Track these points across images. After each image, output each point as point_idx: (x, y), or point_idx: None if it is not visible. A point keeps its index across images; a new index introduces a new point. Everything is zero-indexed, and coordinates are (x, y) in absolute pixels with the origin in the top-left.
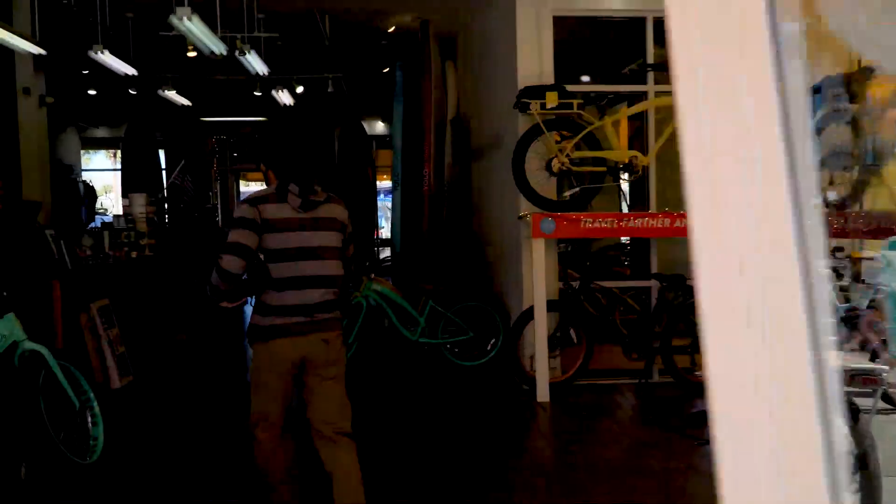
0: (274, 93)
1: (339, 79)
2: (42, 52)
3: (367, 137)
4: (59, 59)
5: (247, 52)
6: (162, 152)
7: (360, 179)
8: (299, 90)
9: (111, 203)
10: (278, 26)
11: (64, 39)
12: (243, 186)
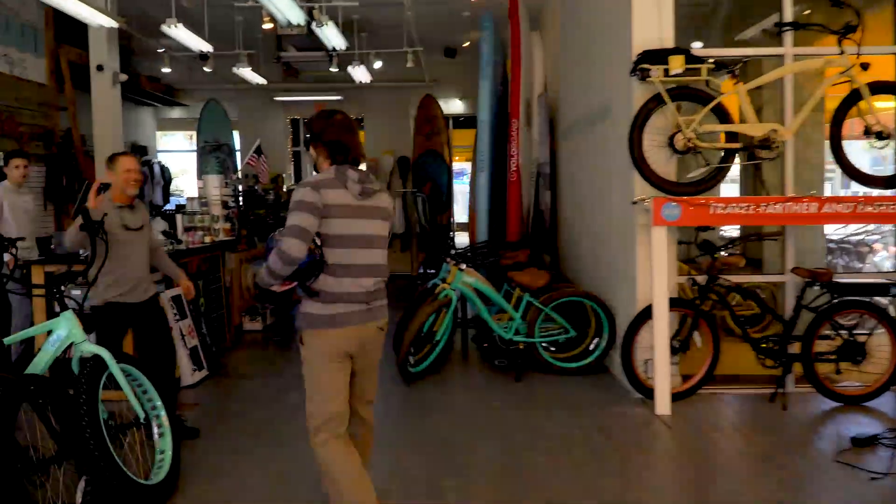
0: (350, 69)
1: (419, 54)
2: (115, 24)
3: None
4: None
5: (324, 23)
6: (236, 133)
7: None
8: (377, 65)
9: (186, 185)
10: None
11: (138, 13)
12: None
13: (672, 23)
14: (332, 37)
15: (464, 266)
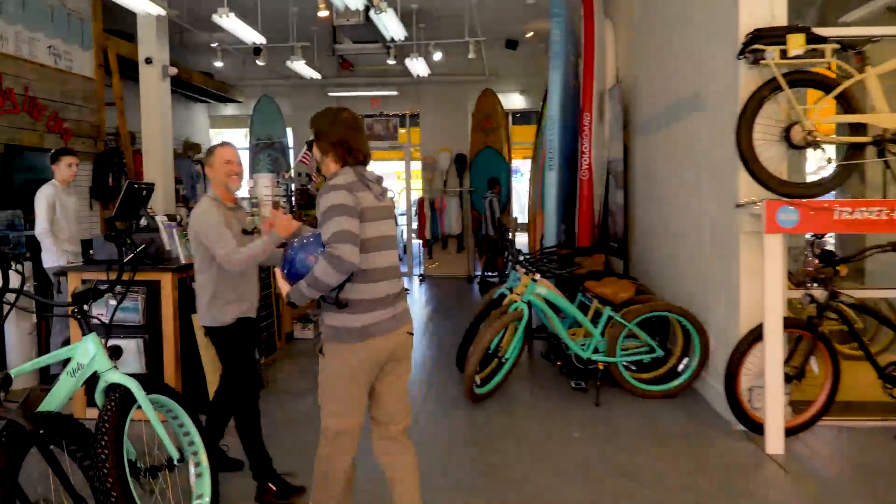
0: (408, 61)
1: (480, 44)
2: (162, 11)
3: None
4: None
5: (384, 10)
6: (290, 130)
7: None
8: (437, 57)
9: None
10: None
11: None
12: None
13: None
14: (391, 25)
15: (538, 276)
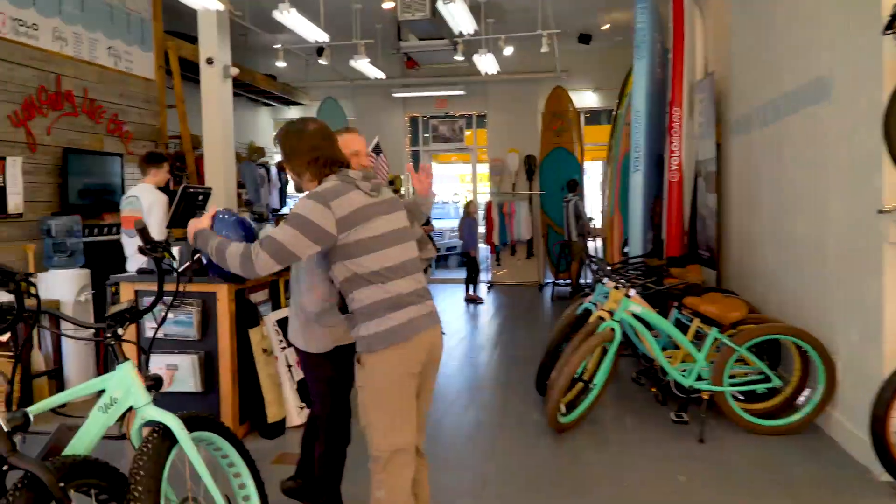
0: (476, 58)
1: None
2: (221, 6)
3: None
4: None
5: (453, 0)
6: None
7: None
8: (507, 52)
9: None
10: None
11: (252, 6)
12: (435, 168)
13: None
14: (460, 18)
15: (632, 292)
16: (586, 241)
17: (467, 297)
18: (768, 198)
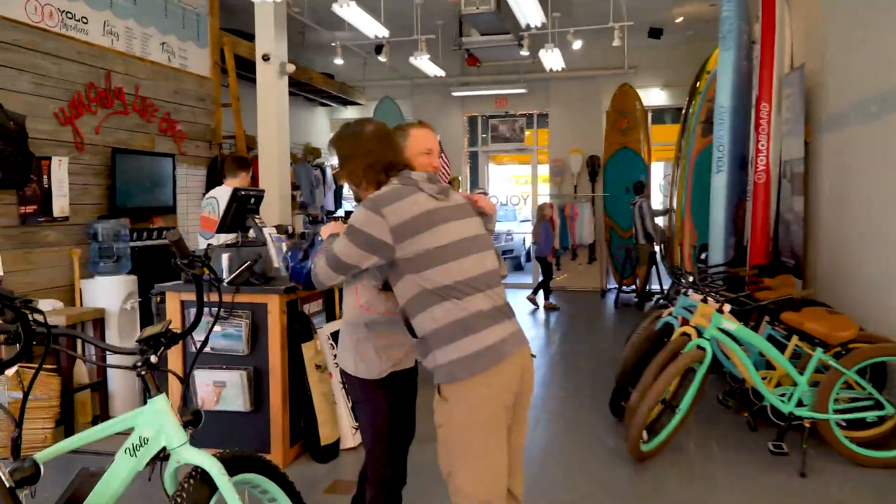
0: (542, 53)
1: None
2: None
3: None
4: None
5: None
6: None
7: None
8: (576, 46)
9: None
10: None
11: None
12: (493, 169)
13: None
14: (529, 10)
15: (727, 308)
16: (653, 246)
17: (546, 306)
18: (868, 200)
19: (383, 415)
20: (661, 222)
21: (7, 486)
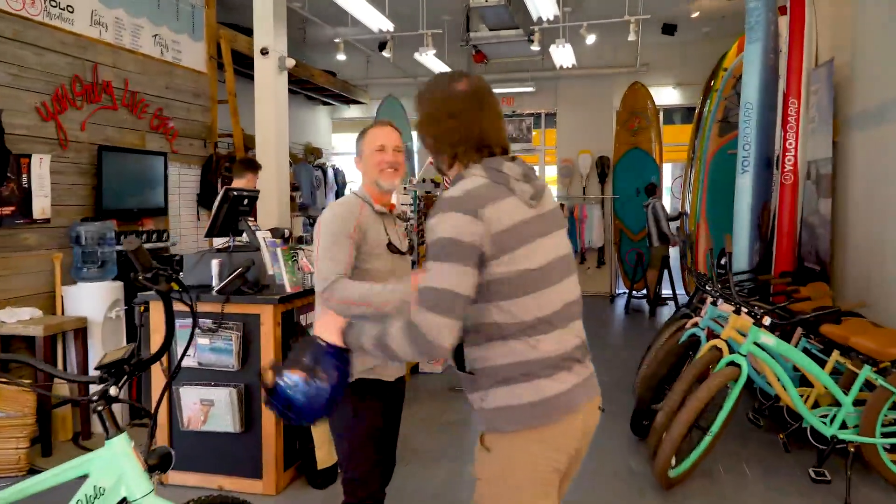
0: (553, 49)
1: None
2: None
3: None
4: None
5: None
6: (415, 133)
7: None
8: (590, 40)
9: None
10: None
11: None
12: None
13: None
14: (541, 2)
15: (767, 320)
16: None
17: None
18: None
19: (356, 429)
20: (673, 227)
21: None
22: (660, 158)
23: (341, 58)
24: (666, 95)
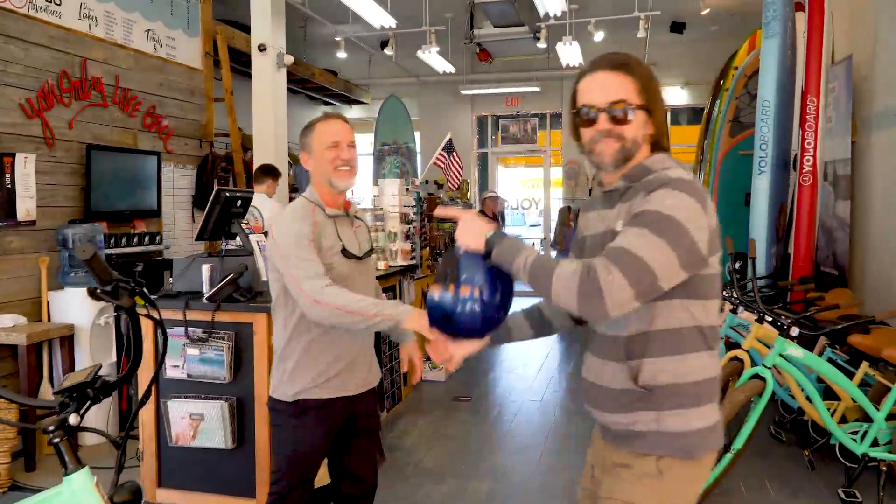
0: (560, 47)
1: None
2: None
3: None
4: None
5: None
6: (418, 134)
7: None
8: (598, 37)
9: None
10: None
11: None
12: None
13: None
14: None
15: (795, 331)
16: None
17: None
18: None
19: (282, 443)
20: None
21: None
22: None
23: (342, 55)
24: (674, 95)
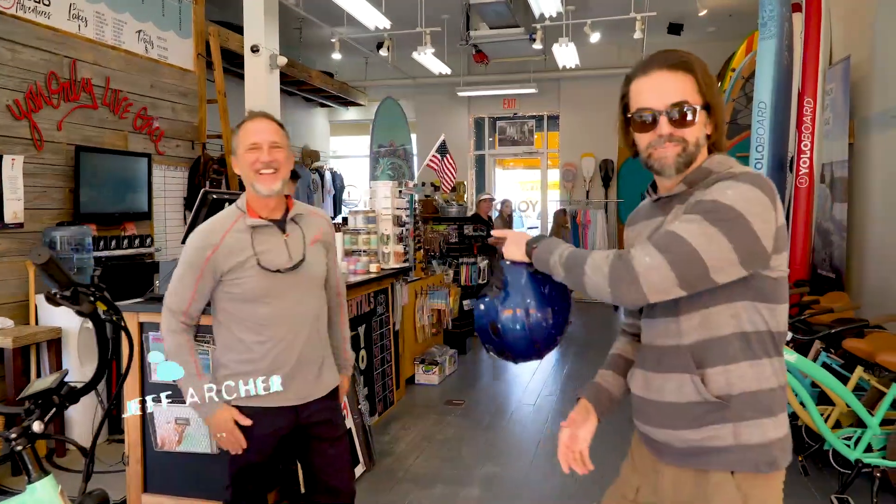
0: (556, 48)
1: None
2: None
3: None
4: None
5: None
6: (414, 136)
7: None
8: (594, 38)
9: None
10: None
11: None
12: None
13: None
14: None
15: (789, 335)
16: None
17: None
18: None
19: (230, 459)
20: None
21: None
22: None
23: (337, 56)
24: None
